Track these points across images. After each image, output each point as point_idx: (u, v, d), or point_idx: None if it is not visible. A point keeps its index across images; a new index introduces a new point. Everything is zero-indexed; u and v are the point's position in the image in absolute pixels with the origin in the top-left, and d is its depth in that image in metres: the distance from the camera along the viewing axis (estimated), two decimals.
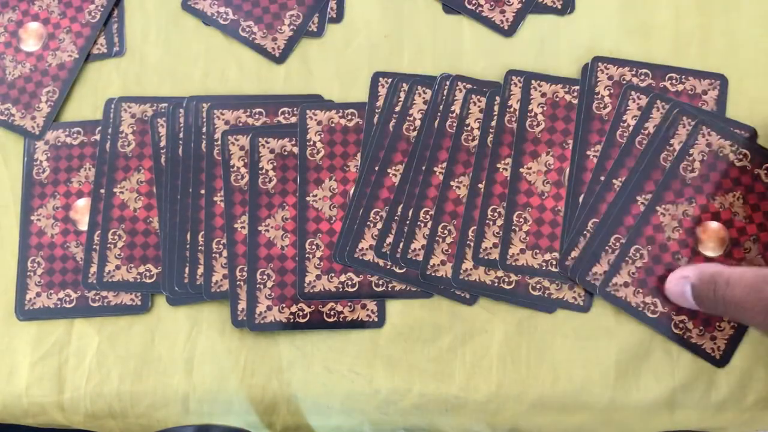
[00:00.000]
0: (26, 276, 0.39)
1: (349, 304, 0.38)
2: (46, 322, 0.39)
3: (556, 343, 0.38)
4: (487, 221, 0.38)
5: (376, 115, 0.40)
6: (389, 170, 0.39)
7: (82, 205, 0.40)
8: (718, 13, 0.42)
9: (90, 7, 0.43)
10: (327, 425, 0.39)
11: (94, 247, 0.39)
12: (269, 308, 0.38)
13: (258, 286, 0.38)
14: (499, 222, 0.38)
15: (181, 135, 0.40)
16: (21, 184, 0.41)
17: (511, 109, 0.40)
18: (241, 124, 0.40)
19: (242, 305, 0.38)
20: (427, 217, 0.38)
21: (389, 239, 0.38)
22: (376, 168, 0.39)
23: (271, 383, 0.38)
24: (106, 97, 0.42)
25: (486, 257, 0.37)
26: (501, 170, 0.38)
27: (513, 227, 0.38)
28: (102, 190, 0.40)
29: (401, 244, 0.38)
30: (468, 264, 0.38)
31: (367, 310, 0.38)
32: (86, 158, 0.41)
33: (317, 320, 0.38)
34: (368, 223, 0.38)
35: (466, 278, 0.37)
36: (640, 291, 0.37)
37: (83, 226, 0.40)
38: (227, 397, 0.38)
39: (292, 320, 0.38)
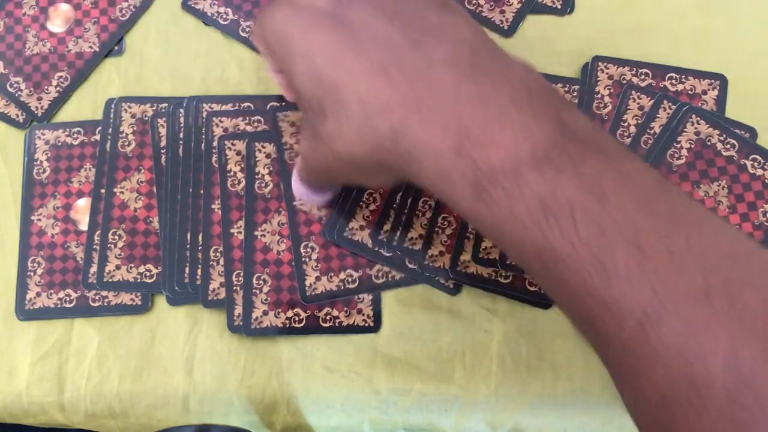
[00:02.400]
0: (26, 276, 0.39)
1: (345, 309, 0.38)
2: (46, 322, 0.39)
3: (556, 343, 0.38)
4: None
5: None
6: None
7: (83, 205, 0.40)
8: (718, 13, 0.42)
9: (123, 4, 0.43)
10: (327, 425, 0.39)
11: (95, 247, 0.39)
12: (265, 313, 0.38)
13: (254, 291, 0.38)
14: None
15: (181, 135, 0.40)
16: (21, 184, 0.41)
17: None
18: (239, 131, 0.40)
19: (238, 310, 0.38)
20: (426, 207, 0.38)
21: (386, 226, 0.38)
22: None
23: (271, 383, 0.38)
24: (106, 97, 0.42)
25: (486, 257, 0.37)
26: None
27: None
28: (102, 190, 0.40)
29: (398, 233, 0.38)
30: (466, 256, 0.38)
31: (363, 315, 0.38)
32: (86, 158, 0.41)
33: (313, 325, 0.38)
34: (361, 203, 0.38)
35: (464, 270, 0.37)
36: None
37: (83, 226, 0.40)
38: (227, 396, 0.38)
39: (288, 325, 0.38)
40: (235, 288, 0.38)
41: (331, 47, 0.27)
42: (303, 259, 0.38)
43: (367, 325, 0.38)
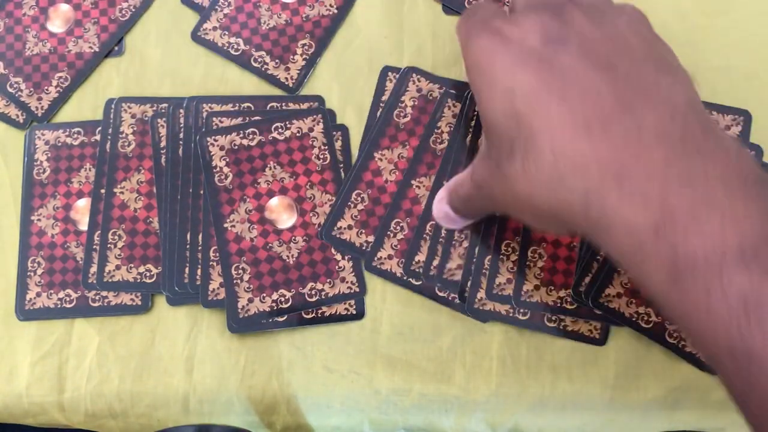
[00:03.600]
0: (26, 276, 0.39)
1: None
2: (46, 322, 0.39)
3: (556, 343, 0.38)
4: (501, 256, 0.38)
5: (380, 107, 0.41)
6: (375, 154, 0.39)
7: (83, 205, 0.40)
8: (718, 13, 0.42)
9: (123, 4, 0.43)
10: (327, 425, 0.39)
11: (94, 247, 0.39)
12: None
13: (235, 281, 0.38)
14: (513, 257, 0.37)
15: (181, 135, 0.40)
16: (21, 184, 0.41)
17: None
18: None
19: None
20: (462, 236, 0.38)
21: (418, 257, 0.38)
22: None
23: (271, 383, 0.38)
24: (106, 97, 0.42)
25: (500, 293, 0.37)
26: None
27: (528, 263, 0.37)
28: (102, 190, 0.40)
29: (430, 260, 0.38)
30: (482, 293, 0.37)
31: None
32: (86, 158, 0.41)
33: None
34: (349, 203, 0.38)
35: (481, 308, 0.37)
36: (633, 301, 0.37)
37: (83, 226, 0.40)
38: (227, 396, 0.38)
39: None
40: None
41: (534, 88, 0.26)
42: (234, 280, 0.38)
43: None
